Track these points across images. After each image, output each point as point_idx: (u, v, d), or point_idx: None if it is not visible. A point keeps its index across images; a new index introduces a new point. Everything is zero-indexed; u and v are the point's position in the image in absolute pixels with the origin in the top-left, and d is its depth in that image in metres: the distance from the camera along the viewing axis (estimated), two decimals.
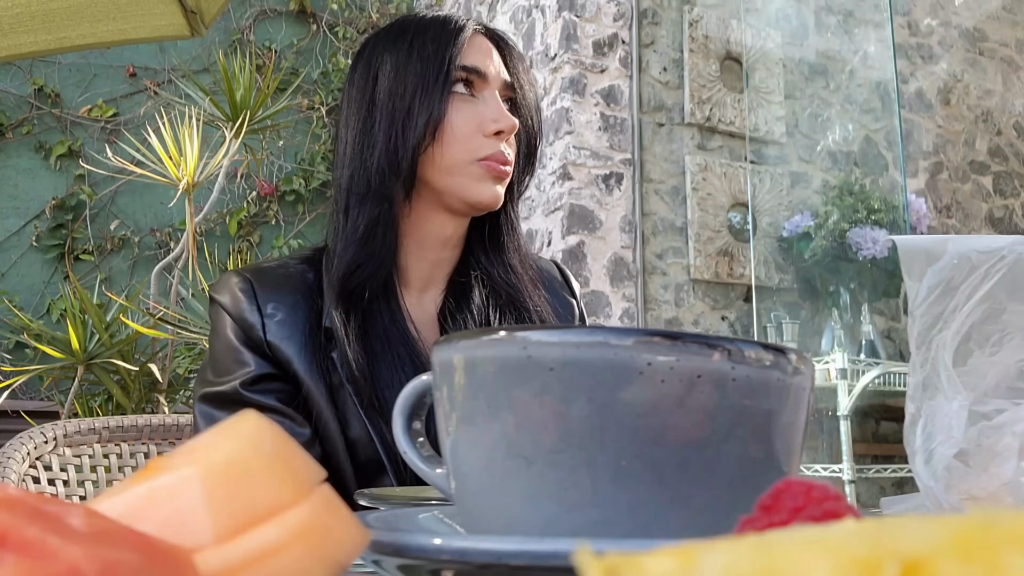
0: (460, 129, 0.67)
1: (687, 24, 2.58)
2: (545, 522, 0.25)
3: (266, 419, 0.22)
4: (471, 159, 0.67)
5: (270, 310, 0.66)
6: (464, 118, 0.67)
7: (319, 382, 0.64)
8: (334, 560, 0.20)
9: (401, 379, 0.64)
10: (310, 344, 0.65)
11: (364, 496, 0.42)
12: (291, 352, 0.65)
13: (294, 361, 0.65)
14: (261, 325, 0.65)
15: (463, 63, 0.68)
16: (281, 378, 0.65)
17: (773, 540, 0.12)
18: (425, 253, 0.72)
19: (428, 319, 0.71)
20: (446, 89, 0.67)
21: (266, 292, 0.67)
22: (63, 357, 1.87)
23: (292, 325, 0.66)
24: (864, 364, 2.19)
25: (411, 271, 0.72)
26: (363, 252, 0.67)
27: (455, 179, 0.67)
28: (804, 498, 0.17)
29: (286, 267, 0.71)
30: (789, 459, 0.27)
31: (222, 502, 0.19)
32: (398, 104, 0.67)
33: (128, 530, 0.17)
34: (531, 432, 0.25)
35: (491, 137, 0.67)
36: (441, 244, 0.72)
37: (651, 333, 0.25)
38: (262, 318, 0.66)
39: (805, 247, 2.47)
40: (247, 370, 0.65)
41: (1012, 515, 0.11)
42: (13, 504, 0.16)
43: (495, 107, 0.68)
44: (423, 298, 0.72)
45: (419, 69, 0.67)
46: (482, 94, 0.69)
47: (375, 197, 0.67)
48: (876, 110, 2.81)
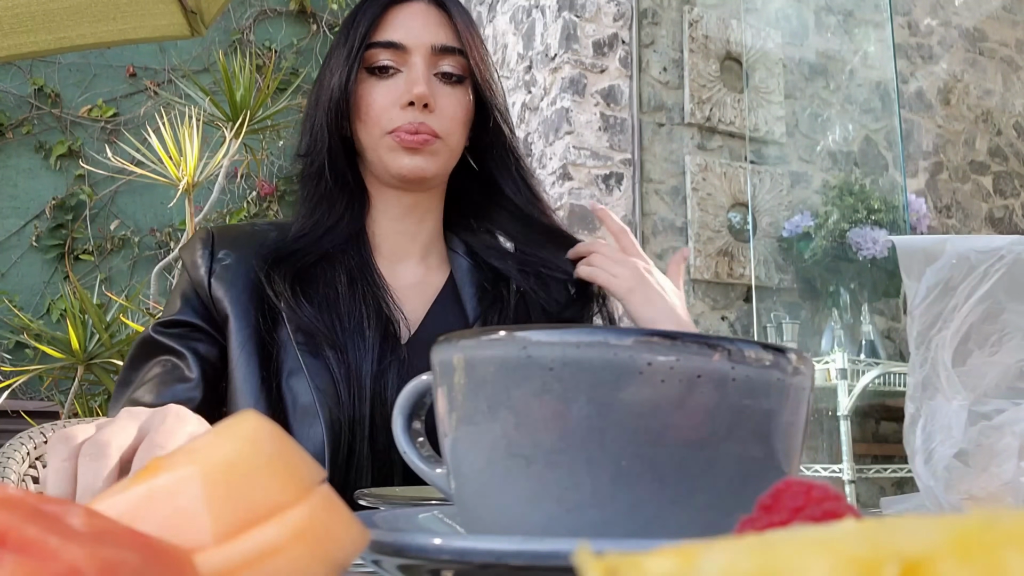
0: (374, 106, 0.69)
1: (687, 24, 2.58)
2: (545, 522, 0.25)
3: (266, 419, 0.22)
4: (382, 133, 0.69)
5: (221, 255, 0.69)
6: (379, 94, 0.69)
7: (250, 325, 0.66)
8: (334, 560, 0.20)
9: (365, 330, 0.65)
10: (251, 289, 0.67)
11: (364, 496, 0.42)
12: (227, 293, 0.67)
13: (226, 302, 0.67)
14: (208, 269, 0.69)
15: (376, 40, 0.69)
16: (200, 328, 0.67)
17: (773, 540, 0.12)
18: (391, 223, 0.74)
19: (405, 287, 0.72)
20: (354, 69, 0.69)
21: (223, 242, 0.71)
22: (63, 357, 1.87)
23: (237, 271, 0.68)
24: (864, 364, 2.19)
25: (380, 238, 0.74)
26: (324, 211, 0.71)
27: (375, 154, 0.70)
28: (804, 498, 0.17)
29: (252, 226, 0.75)
30: (789, 459, 0.27)
31: (222, 502, 0.19)
32: (324, 86, 0.71)
33: (128, 530, 0.17)
34: (531, 432, 0.25)
35: (406, 108, 0.68)
36: (401, 214, 0.73)
37: (651, 333, 0.25)
38: (211, 263, 0.69)
39: (805, 247, 2.47)
40: (167, 314, 0.68)
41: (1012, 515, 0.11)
42: (13, 504, 0.16)
43: (411, 77, 0.69)
44: (396, 268, 0.73)
45: (339, 50, 0.71)
46: (406, 65, 0.70)
47: (315, 171, 0.71)
48: (876, 110, 2.81)
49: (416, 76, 0.68)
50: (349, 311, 0.66)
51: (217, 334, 0.67)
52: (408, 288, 0.72)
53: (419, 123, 0.68)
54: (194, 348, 0.66)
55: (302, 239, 0.70)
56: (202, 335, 0.67)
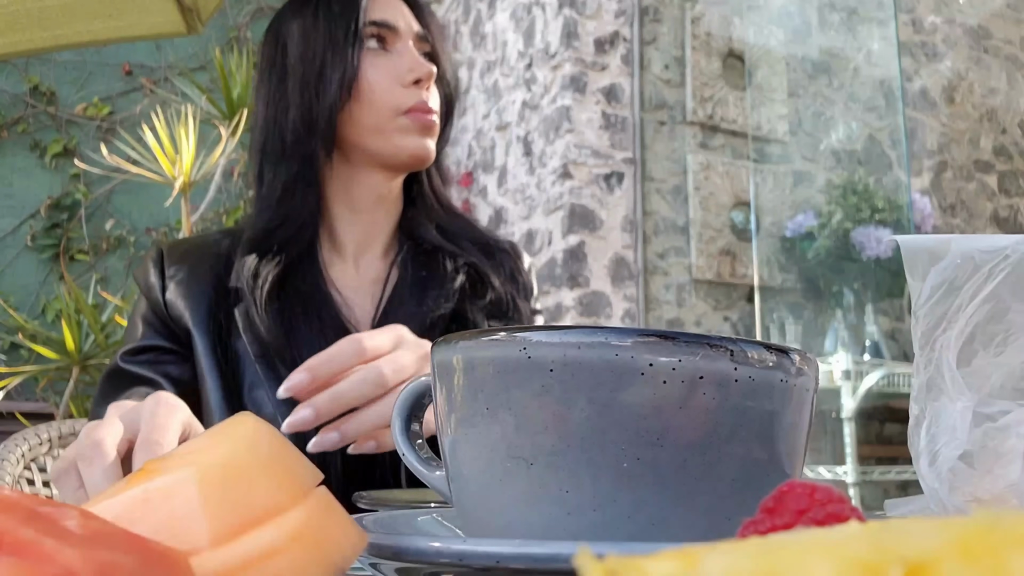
0: (378, 84, 0.67)
1: (689, 21, 2.57)
2: (545, 525, 0.25)
3: (263, 421, 0.21)
4: (395, 112, 0.67)
5: (172, 272, 0.68)
6: (380, 73, 0.67)
7: (210, 337, 0.65)
8: (331, 563, 0.20)
9: (320, 344, 0.62)
10: (208, 301, 0.66)
11: (363, 498, 0.42)
12: (186, 306, 0.66)
13: (186, 315, 0.65)
14: (161, 287, 0.67)
15: (372, 19, 0.68)
16: (168, 350, 0.66)
17: (776, 543, 0.12)
18: (358, 216, 0.71)
19: (363, 285, 0.70)
20: (356, 46, 0.66)
21: (173, 258, 0.69)
22: (58, 358, 1.87)
23: (191, 284, 0.67)
24: (868, 365, 2.18)
25: (343, 235, 0.71)
26: (279, 213, 0.67)
27: (383, 135, 0.67)
28: (807, 500, 0.17)
29: (203, 238, 0.73)
30: (792, 461, 0.27)
31: (218, 504, 0.19)
32: (308, 68, 0.67)
33: (124, 532, 0.17)
34: (531, 433, 0.25)
35: (410, 87, 0.67)
36: (374, 204, 0.71)
37: (652, 333, 0.25)
38: (163, 280, 0.68)
39: (808, 247, 2.47)
40: (131, 342, 0.66)
41: (1017, 517, 0.11)
42: (8, 506, 0.16)
43: (410, 57, 0.67)
44: (360, 263, 0.71)
45: (327, 31, 0.67)
46: (395, 47, 0.69)
47: (291, 156, 0.67)
48: (880, 108, 2.80)
49: (414, 55, 0.67)
50: (303, 324, 0.63)
51: (185, 351, 0.66)
52: (369, 284, 0.70)
53: (428, 104, 0.67)
54: (166, 372, 0.65)
55: (273, 234, 0.66)
56: (171, 356, 0.66)
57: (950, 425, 0.28)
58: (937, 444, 0.28)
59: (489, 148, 2.86)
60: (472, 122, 3.00)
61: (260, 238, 0.66)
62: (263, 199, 0.68)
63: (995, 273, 0.28)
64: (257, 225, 0.67)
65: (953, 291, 0.29)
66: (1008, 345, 0.29)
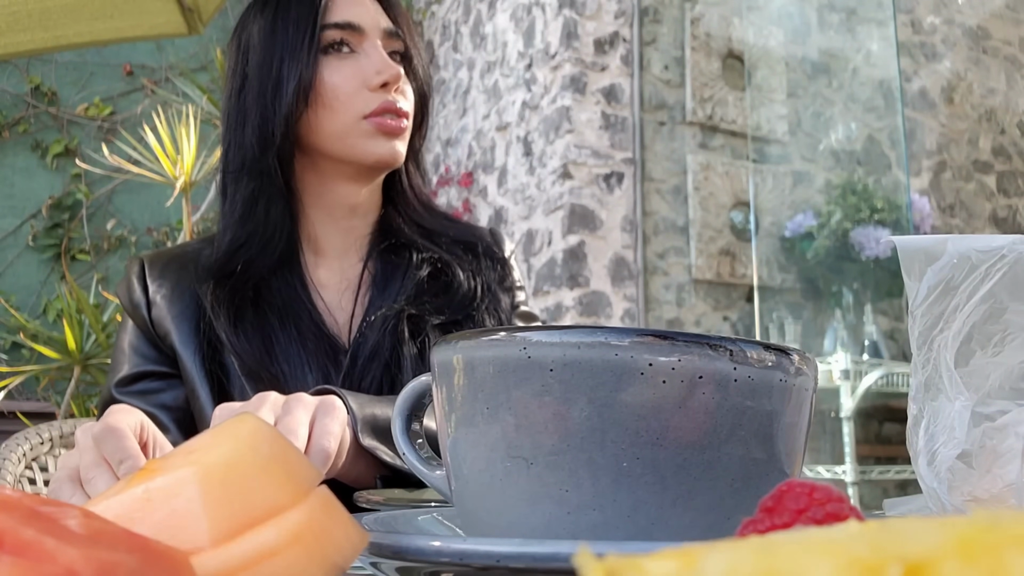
0: (340, 89, 0.64)
1: (688, 22, 2.57)
2: (545, 524, 0.25)
3: (263, 421, 0.21)
4: (357, 117, 0.64)
5: (156, 287, 0.66)
6: (343, 77, 0.64)
7: (199, 354, 0.63)
8: (332, 562, 0.20)
9: (301, 351, 0.62)
10: (193, 318, 0.64)
11: (363, 498, 0.42)
12: (172, 323, 0.65)
13: (172, 332, 0.64)
14: (147, 304, 0.66)
15: (332, 20, 0.64)
16: (160, 374, 0.65)
17: (775, 542, 0.12)
18: (335, 222, 0.69)
19: (348, 287, 0.69)
20: (314, 50, 0.63)
21: (155, 271, 0.68)
22: (59, 357, 1.87)
23: (175, 299, 0.65)
24: (867, 365, 2.18)
25: (322, 240, 0.69)
26: (243, 231, 0.65)
27: (346, 142, 0.65)
28: (807, 500, 0.17)
29: (185, 247, 0.71)
30: (791, 460, 0.27)
31: (219, 504, 0.19)
32: (266, 74, 0.64)
33: (125, 532, 0.17)
34: (531, 433, 0.25)
35: (377, 91, 0.64)
36: (350, 211, 0.69)
37: (652, 333, 0.25)
38: (147, 296, 0.66)
39: (808, 247, 2.47)
40: (122, 370, 0.65)
41: (1015, 517, 0.11)
42: (9, 505, 0.16)
43: (377, 58, 0.65)
44: (343, 265, 0.70)
45: (285, 34, 0.64)
46: (362, 47, 0.65)
47: (250, 172, 0.65)
48: (879, 109, 2.81)
49: (381, 57, 0.65)
50: (281, 337, 0.62)
51: (176, 370, 0.65)
52: (349, 285, 0.69)
53: (397, 106, 0.65)
54: (161, 403, 0.64)
55: (237, 253, 0.64)
56: (164, 382, 0.65)
57: (948, 425, 0.28)
58: (936, 444, 0.28)
59: (489, 148, 2.86)
60: (472, 122, 3.00)
61: (223, 260, 0.64)
62: (226, 217, 0.67)
63: (992, 273, 0.28)
64: (220, 247, 0.65)
65: (950, 291, 0.29)
66: (1006, 345, 0.29)
